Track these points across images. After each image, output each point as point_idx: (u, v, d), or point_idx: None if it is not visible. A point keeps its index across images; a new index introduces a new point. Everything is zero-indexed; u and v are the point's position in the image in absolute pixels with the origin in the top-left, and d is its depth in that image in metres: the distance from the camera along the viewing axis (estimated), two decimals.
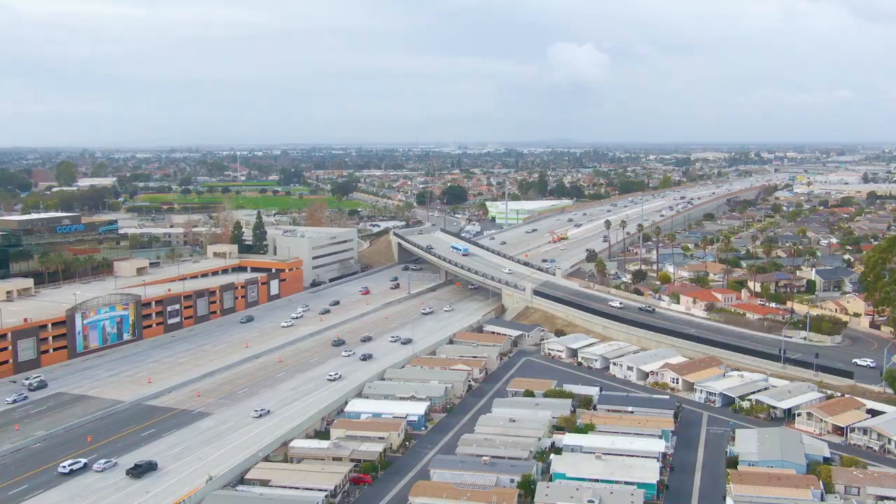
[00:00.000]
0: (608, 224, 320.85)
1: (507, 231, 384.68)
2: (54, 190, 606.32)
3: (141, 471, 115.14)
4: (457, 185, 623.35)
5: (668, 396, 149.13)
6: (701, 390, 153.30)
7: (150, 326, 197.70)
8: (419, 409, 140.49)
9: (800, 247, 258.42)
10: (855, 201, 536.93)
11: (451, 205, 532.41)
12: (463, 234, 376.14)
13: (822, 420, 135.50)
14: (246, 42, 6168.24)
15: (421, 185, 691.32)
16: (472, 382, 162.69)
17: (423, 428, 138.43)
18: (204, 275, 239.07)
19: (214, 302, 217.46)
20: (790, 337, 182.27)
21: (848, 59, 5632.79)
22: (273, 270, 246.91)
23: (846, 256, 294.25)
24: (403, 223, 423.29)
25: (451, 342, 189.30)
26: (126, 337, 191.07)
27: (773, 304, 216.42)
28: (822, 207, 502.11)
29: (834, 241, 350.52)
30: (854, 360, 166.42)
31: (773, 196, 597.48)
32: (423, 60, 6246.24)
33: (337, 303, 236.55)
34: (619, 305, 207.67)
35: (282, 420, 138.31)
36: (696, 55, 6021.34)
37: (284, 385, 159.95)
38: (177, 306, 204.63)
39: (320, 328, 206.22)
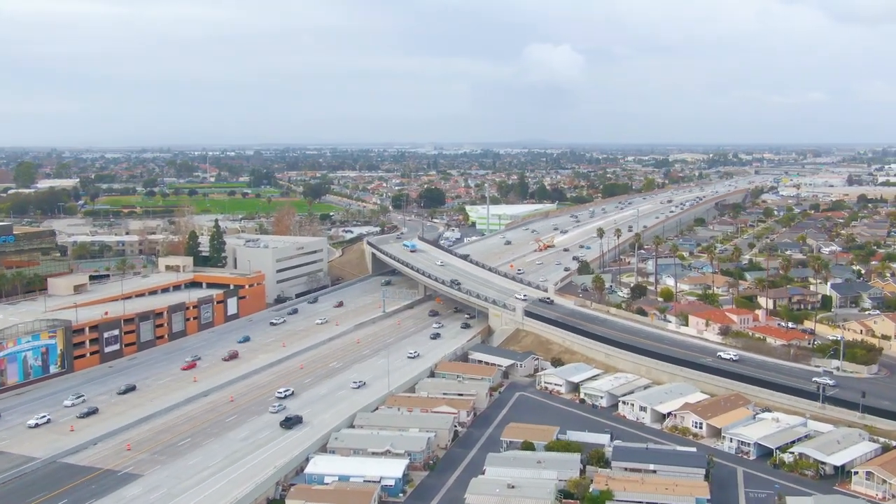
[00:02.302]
0: (601, 232, 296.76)
1: (489, 238, 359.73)
2: (10, 192, 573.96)
3: None
4: (434, 188, 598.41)
5: (694, 449, 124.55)
6: (731, 438, 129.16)
7: (82, 356, 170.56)
8: (396, 469, 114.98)
9: (818, 260, 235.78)
10: (846, 205, 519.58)
11: (429, 208, 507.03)
12: (442, 242, 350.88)
13: (885, 481, 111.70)
14: (222, 41, 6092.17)
15: (397, 187, 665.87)
16: (459, 428, 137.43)
17: (401, 494, 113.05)
18: (152, 292, 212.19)
19: (161, 325, 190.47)
20: (819, 367, 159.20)
21: (822, 61, 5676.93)
22: (231, 287, 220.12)
23: (856, 267, 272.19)
24: (378, 229, 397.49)
25: (432, 374, 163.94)
26: (53, 370, 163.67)
27: (794, 326, 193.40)
28: (813, 211, 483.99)
29: (836, 248, 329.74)
30: None
31: (760, 199, 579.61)
32: (399, 61, 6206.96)
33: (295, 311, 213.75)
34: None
35: (227, 484, 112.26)
36: (672, 56, 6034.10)
37: (235, 433, 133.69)
38: (115, 332, 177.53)
39: (280, 357, 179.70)
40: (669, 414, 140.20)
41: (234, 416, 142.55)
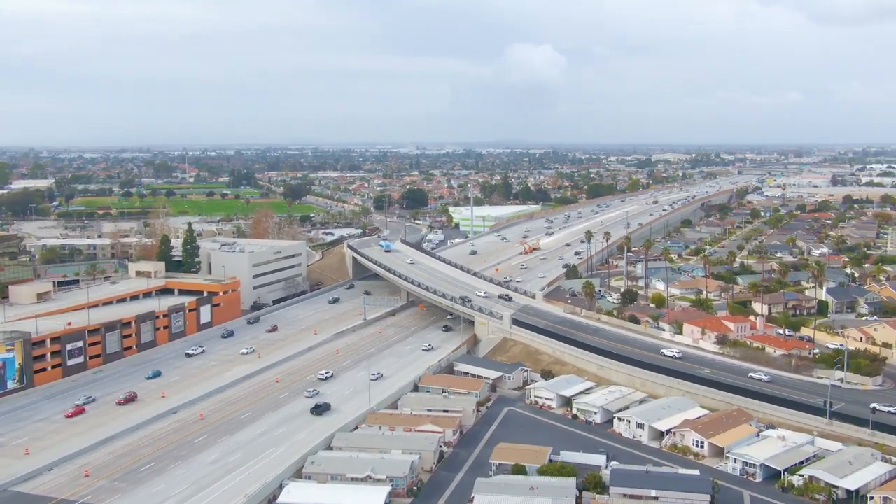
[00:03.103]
0: (590, 235, 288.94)
1: (473, 240, 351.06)
2: None
3: None
4: (417, 189, 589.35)
5: (697, 471, 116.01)
6: (736, 459, 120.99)
7: (43, 370, 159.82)
8: (377, 497, 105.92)
9: (818, 266, 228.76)
10: (832, 205, 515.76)
11: (412, 209, 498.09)
12: (425, 244, 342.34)
13: None
14: (203, 40, 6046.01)
15: (379, 188, 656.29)
16: (444, 448, 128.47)
17: None
18: (121, 300, 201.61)
19: (129, 336, 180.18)
20: (822, 378, 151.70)
21: (800, 61, 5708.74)
22: (205, 294, 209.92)
23: (849, 270, 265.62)
24: (360, 231, 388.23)
25: (415, 388, 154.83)
26: (11, 385, 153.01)
27: (792, 334, 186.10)
28: (799, 212, 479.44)
29: (827, 250, 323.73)
30: None
31: (745, 200, 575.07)
32: (381, 60, 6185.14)
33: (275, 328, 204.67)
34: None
35: None
36: (653, 57, 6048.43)
37: (204, 456, 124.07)
38: (79, 344, 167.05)
39: (257, 368, 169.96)
40: (668, 431, 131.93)
41: (203, 435, 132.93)
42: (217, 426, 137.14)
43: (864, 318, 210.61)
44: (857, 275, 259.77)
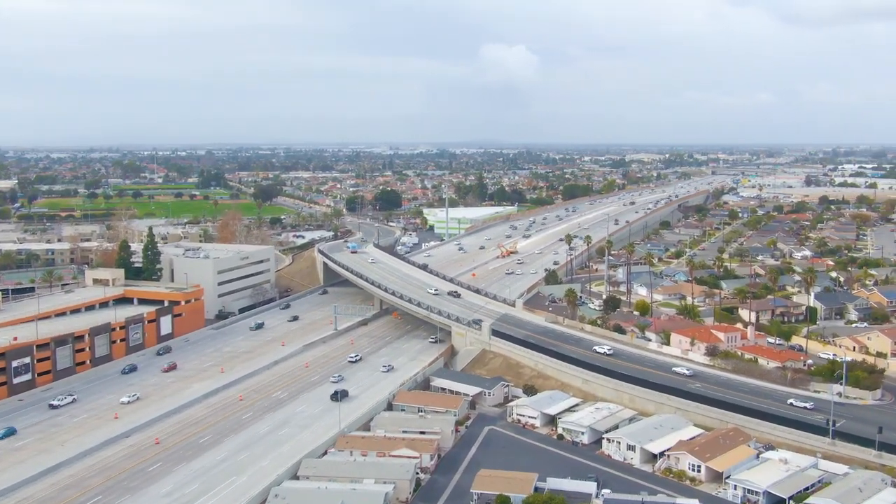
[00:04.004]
0: (570, 238, 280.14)
1: (448, 243, 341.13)
2: None
3: None
4: (390, 190, 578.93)
5: (696, 501, 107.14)
6: (736, 486, 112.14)
7: None
8: None
9: (807, 273, 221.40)
10: (809, 206, 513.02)
11: (385, 210, 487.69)
12: (399, 247, 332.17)
13: None
14: (179, 39, 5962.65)
15: (351, 189, 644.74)
16: (421, 475, 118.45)
17: None
18: (75, 311, 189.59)
19: (82, 350, 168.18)
20: (819, 392, 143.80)
21: (770, 63, 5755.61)
22: (166, 303, 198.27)
23: (834, 274, 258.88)
24: (332, 233, 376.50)
25: (389, 406, 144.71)
26: None
27: (783, 343, 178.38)
28: (777, 213, 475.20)
29: (809, 253, 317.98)
30: None
31: (721, 200, 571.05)
32: (356, 60, 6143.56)
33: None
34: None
35: None
36: (625, 57, 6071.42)
37: (158, 487, 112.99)
38: (26, 360, 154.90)
39: (219, 385, 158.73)
40: (662, 454, 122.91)
41: (158, 463, 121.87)
42: (174, 451, 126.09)
43: (854, 325, 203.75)
44: (842, 279, 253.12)
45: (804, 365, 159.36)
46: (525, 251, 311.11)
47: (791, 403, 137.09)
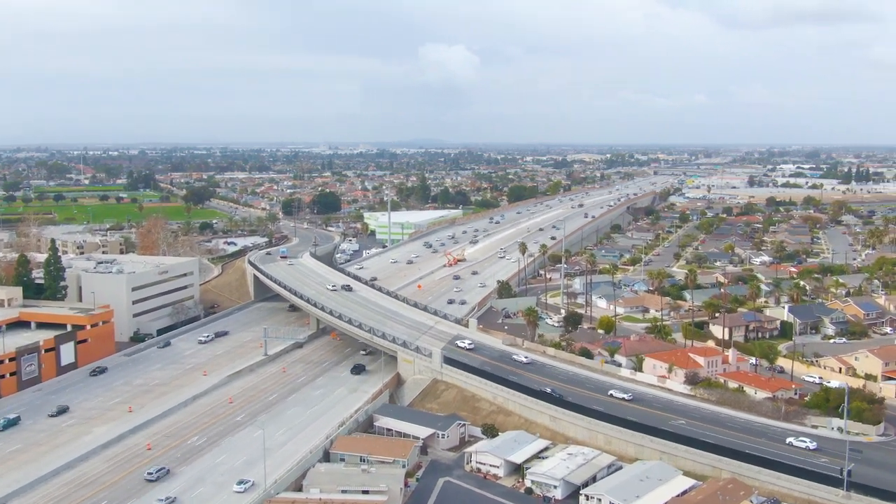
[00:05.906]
0: (524, 248, 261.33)
1: (391, 250, 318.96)
2: None
3: None
4: (329, 192, 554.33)
5: None
6: None
7: None
8: None
9: (797, 289, 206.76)
10: (758, 208, 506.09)
11: (324, 214, 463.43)
12: (338, 255, 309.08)
13: None
14: (112, 36, 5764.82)
15: (289, 190, 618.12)
16: None
17: None
18: None
19: None
20: (817, 428, 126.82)
21: (705, 64, 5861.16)
22: (68, 327, 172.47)
23: (801, 283, 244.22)
24: (266, 239, 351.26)
25: (326, 456, 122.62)
26: None
27: (768, 368, 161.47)
28: (727, 215, 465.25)
29: (767, 259, 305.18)
30: None
31: (669, 202, 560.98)
32: (294, 58, 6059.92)
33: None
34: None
35: None
36: (565, 58, 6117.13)
37: None
38: None
39: (124, 430, 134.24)
40: None
41: None
42: None
43: (832, 342, 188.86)
44: (808, 288, 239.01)
45: (796, 394, 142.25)
46: (473, 258, 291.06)
47: (790, 444, 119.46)
